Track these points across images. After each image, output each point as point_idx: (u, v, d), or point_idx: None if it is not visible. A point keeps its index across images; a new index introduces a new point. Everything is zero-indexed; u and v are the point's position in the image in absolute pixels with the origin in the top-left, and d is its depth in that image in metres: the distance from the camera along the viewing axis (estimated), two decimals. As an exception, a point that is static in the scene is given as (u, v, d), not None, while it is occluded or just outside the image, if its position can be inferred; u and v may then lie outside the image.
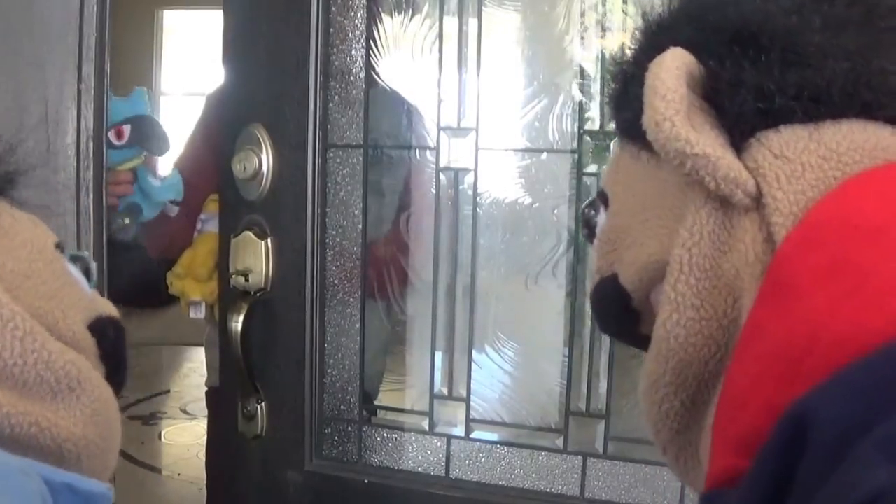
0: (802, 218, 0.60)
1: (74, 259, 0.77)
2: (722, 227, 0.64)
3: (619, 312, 0.74)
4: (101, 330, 0.74)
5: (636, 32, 0.74)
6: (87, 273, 0.78)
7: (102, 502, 0.64)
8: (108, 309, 0.77)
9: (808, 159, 0.62)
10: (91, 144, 1.46)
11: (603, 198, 0.78)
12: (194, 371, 6.53)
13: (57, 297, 0.71)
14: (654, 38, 0.71)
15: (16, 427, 0.63)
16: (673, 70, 0.64)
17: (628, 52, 0.75)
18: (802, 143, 0.63)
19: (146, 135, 1.85)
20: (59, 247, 0.76)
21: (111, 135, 1.75)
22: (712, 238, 0.64)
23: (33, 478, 0.57)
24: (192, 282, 2.04)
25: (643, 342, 0.71)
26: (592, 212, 0.79)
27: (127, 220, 1.87)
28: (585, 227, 0.81)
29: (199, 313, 2.08)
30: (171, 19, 7.04)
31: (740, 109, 0.64)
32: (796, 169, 0.62)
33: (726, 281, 0.63)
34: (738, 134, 0.64)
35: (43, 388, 0.65)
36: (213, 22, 6.51)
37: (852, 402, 0.48)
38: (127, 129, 1.79)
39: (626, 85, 0.73)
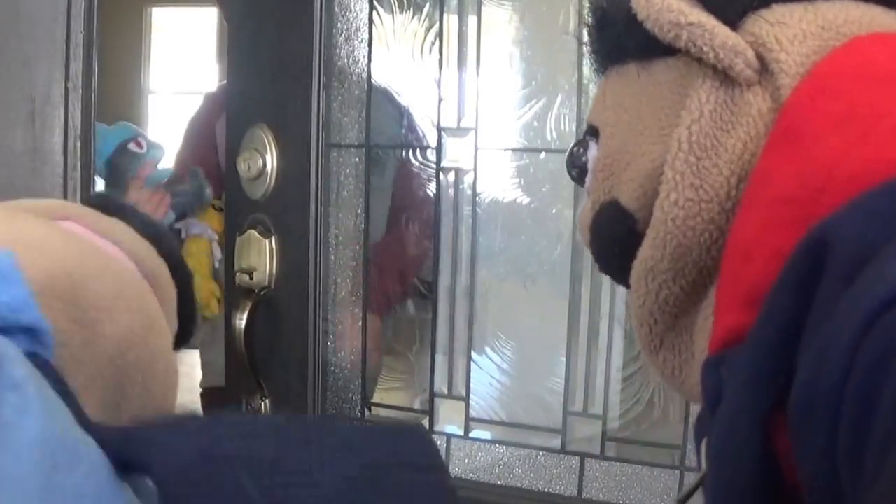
0: (811, 70, 0.59)
1: None
2: (724, 105, 0.61)
3: (622, 237, 0.68)
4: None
5: None
6: None
7: None
8: None
9: (808, 28, 0.61)
10: (79, 143, 1.45)
11: (591, 132, 0.74)
12: (185, 374, 6.45)
13: None
14: None
15: None
16: None
17: None
18: (798, 13, 0.62)
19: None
20: None
21: (133, 146, 1.82)
22: (713, 116, 0.61)
23: None
24: None
25: None
26: (581, 149, 0.75)
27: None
28: (574, 167, 0.77)
29: None
30: (160, 17, 7.00)
31: None
32: (797, 34, 0.60)
33: (728, 159, 0.60)
34: (731, 14, 0.63)
35: None
36: (202, 19, 6.49)
37: (871, 223, 0.46)
38: (142, 140, 1.84)
39: (609, 3, 0.71)
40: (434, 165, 1.75)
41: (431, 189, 1.79)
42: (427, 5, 1.81)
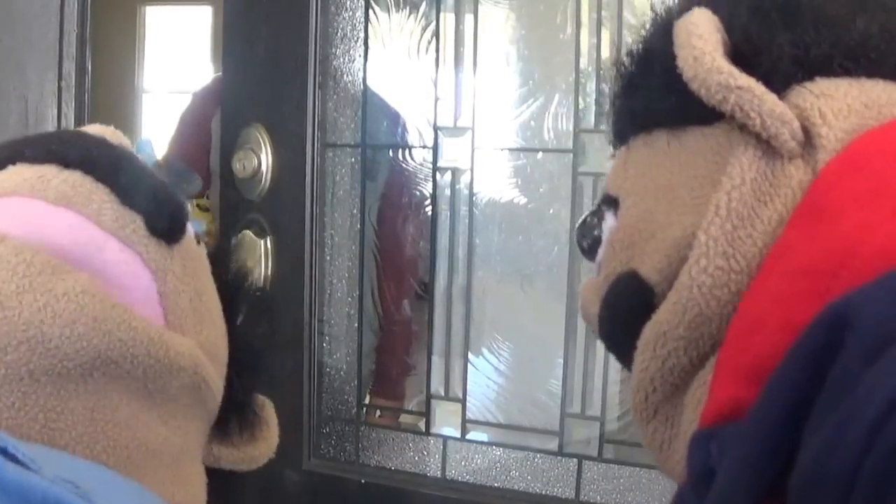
0: (842, 149, 0.57)
1: None
2: (764, 176, 0.58)
3: (638, 310, 0.64)
4: None
5: (645, 24, 0.69)
6: None
7: None
8: None
9: (852, 103, 0.58)
10: (72, 143, 1.44)
11: (608, 202, 0.70)
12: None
13: None
14: (666, 24, 0.65)
15: None
16: (705, 19, 0.61)
17: (636, 42, 0.69)
18: (843, 88, 0.59)
19: (179, 175, 1.85)
20: None
21: None
22: (753, 187, 0.58)
23: None
24: None
25: None
26: (595, 220, 0.72)
27: None
28: (586, 238, 0.73)
29: None
30: (154, 15, 6.98)
31: (777, 55, 0.60)
32: (842, 108, 0.58)
33: (763, 230, 0.57)
34: (776, 83, 0.59)
35: None
36: (196, 18, 6.47)
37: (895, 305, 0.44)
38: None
39: (640, 67, 0.68)
40: (430, 165, 1.74)
41: (427, 189, 1.78)
42: (423, 4, 1.80)
